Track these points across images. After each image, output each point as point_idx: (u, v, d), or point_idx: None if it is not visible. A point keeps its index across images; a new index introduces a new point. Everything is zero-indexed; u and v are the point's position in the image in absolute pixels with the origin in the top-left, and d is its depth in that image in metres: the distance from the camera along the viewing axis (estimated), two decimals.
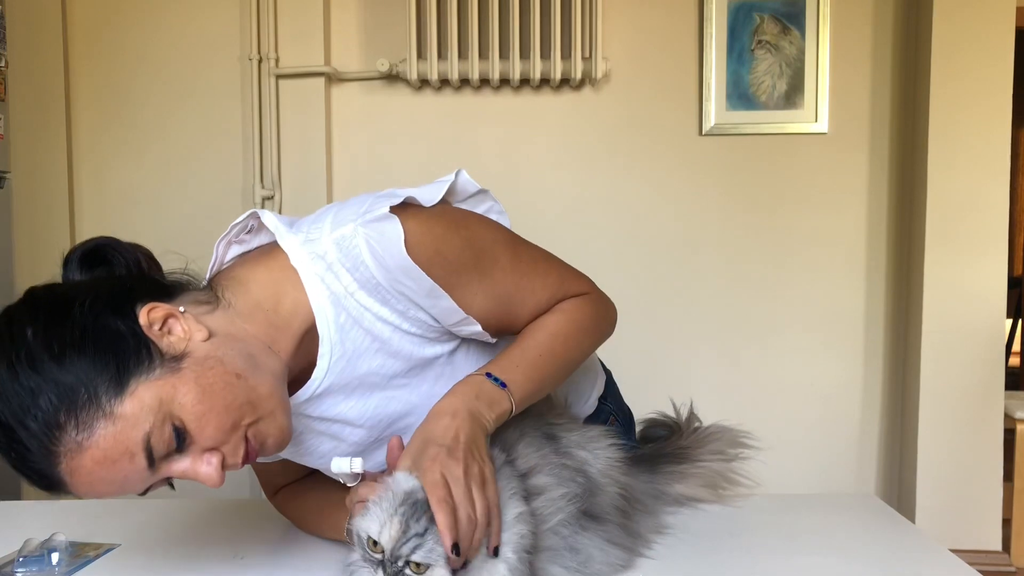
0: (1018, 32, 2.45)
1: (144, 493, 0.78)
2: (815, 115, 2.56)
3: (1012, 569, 2.49)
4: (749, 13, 2.55)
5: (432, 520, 0.73)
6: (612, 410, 1.21)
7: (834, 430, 2.65)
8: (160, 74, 2.64)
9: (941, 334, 2.46)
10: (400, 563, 0.74)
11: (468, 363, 0.95)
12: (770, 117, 2.57)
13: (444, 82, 2.56)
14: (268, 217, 0.90)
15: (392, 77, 2.58)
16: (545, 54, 2.49)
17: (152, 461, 0.73)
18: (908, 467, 2.55)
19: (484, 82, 2.56)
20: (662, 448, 1.17)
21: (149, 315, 0.77)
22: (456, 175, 0.98)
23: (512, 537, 0.78)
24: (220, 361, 0.77)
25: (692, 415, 1.25)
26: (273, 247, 0.89)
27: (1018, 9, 2.43)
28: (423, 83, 2.57)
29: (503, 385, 0.86)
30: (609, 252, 2.63)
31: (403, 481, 0.77)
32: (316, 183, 2.59)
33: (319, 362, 0.86)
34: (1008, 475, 2.52)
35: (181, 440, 0.74)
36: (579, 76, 2.48)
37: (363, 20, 2.62)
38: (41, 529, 0.97)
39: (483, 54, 2.49)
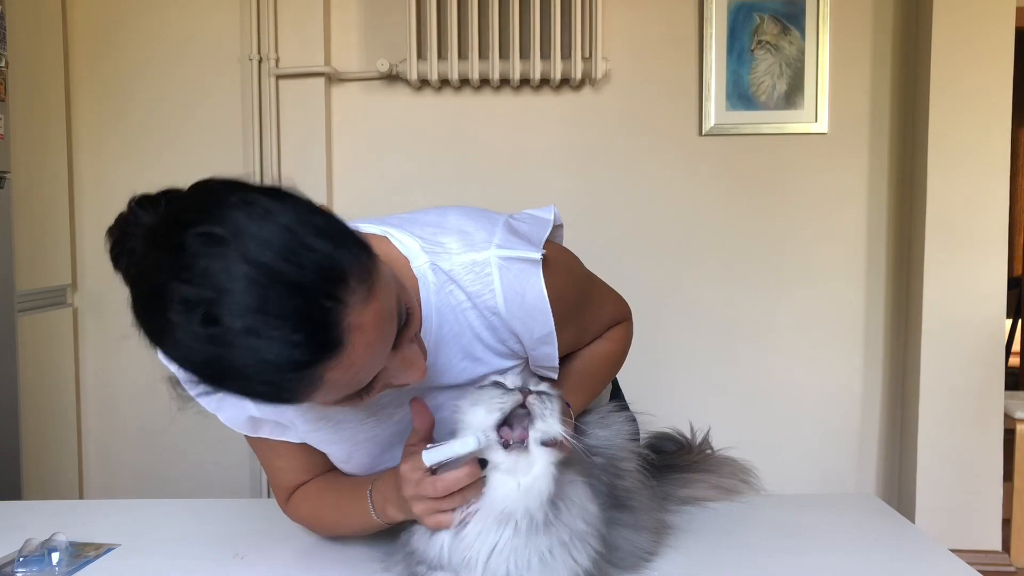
0: (1018, 32, 2.45)
1: (360, 397, 0.75)
2: (815, 115, 2.56)
3: (1012, 569, 2.49)
4: (749, 13, 2.55)
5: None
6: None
7: (834, 430, 2.65)
8: (160, 74, 2.64)
9: (941, 334, 2.46)
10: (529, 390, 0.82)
11: None
12: (770, 117, 2.57)
13: (444, 82, 2.56)
14: (381, 228, 0.92)
15: (392, 77, 2.58)
16: (545, 54, 2.49)
17: (399, 328, 0.74)
18: (908, 467, 2.55)
19: (484, 82, 2.56)
20: (668, 459, 1.17)
21: None
22: (553, 212, 1.02)
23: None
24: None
25: (706, 440, 1.25)
26: (377, 241, 0.88)
27: (1018, 9, 2.43)
28: (423, 83, 2.57)
29: (568, 405, 0.93)
30: (609, 252, 2.63)
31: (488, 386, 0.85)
32: (316, 183, 2.59)
33: None
34: (1008, 475, 2.52)
35: (403, 320, 0.75)
36: (579, 76, 2.48)
37: (363, 20, 2.62)
38: (41, 529, 0.97)
39: (483, 54, 2.49)
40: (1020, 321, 3.91)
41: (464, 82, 2.56)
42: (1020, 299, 3.88)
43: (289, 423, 0.94)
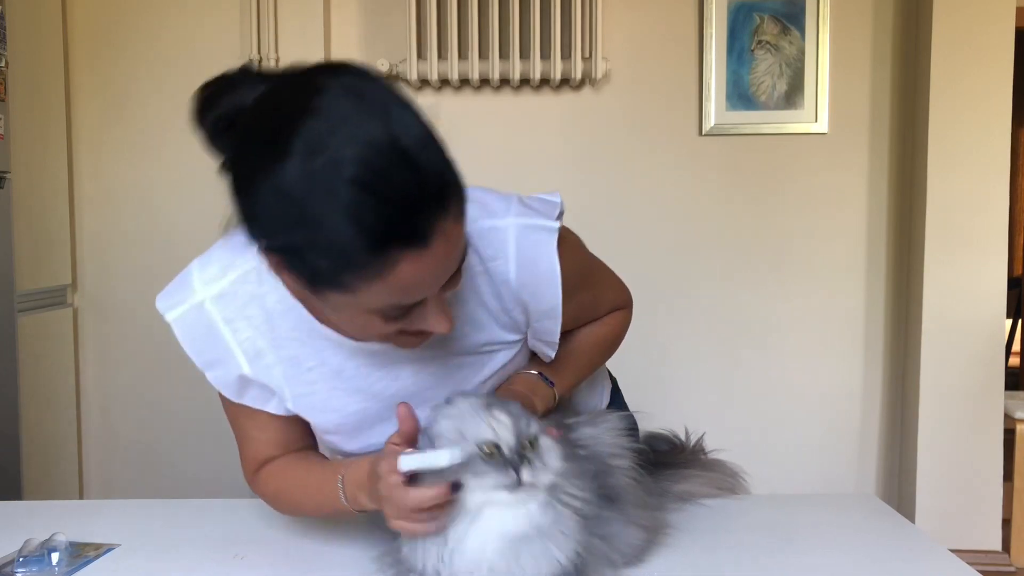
0: (1018, 32, 2.45)
1: (388, 323, 0.76)
2: (815, 115, 2.56)
3: (1012, 569, 2.49)
4: (749, 13, 2.55)
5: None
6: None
7: (834, 430, 2.66)
8: (160, 74, 2.64)
9: (941, 334, 2.46)
10: (527, 445, 0.80)
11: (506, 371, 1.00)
12: (770, 117, 2.57)
13: (444, 82, 2.56)
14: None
15: (392, 77, 2.58)
16: (545, 54, 2.49)
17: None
18: (908, 467, 2.55)
19: (484, 82, 2.56)
20: (661, 458, 1.18)
21: None
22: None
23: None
24: None
25: (699, 444, 1.25)
26: None
27: (1018, 9, 2.43)
28: (423, 83, 2.57)
29: (551, 384, 1.00)
30: (609, 252, 2.61)
31: (463, 401, 0.84)
32: None
33: None
34: (1008, 475, 2.52)
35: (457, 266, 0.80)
36: (579, 76, 2.48)
37: (363, 20, 2.62)
38: (41, 529, 0.97)
39: (483, 54, 2.49)
40: (1020, 321, 3.91)
41: (464, 82, 2.56)
42: (1020, 299, 3.88)
43: (277, 389, 0.93)
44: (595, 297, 1.08)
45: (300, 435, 1.00)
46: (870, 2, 2.57)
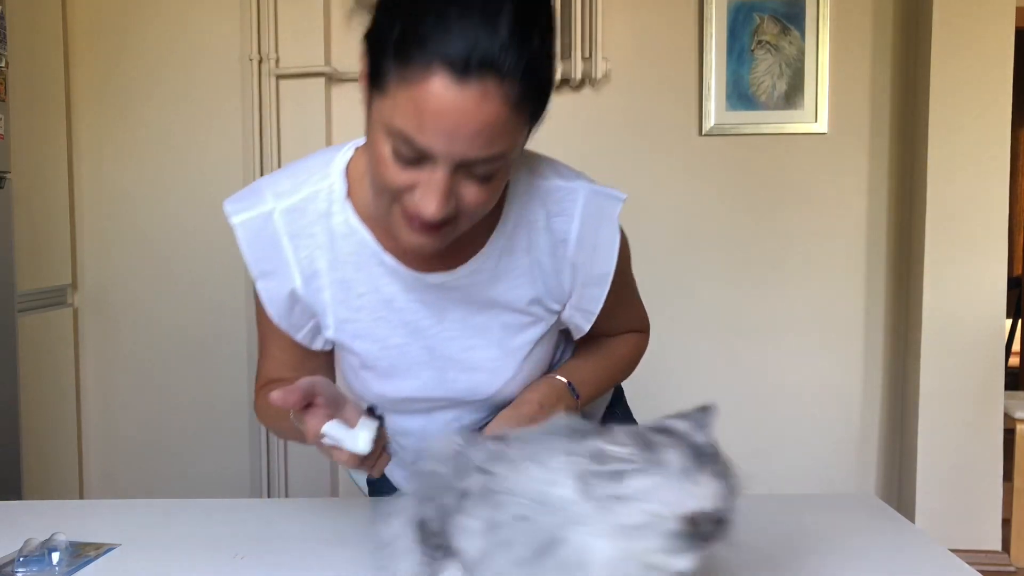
0: (1018, 32, 2.45)
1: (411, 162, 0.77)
2: (815, 115, 2.56)
3: (1012, 569, 2.49)
4: (749, 13, 2.55)
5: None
6: (619, 418, 1.22)
7: (834, 430, 2.66)
8: (160, 74, 2.64)
9: (941, 334, 2.46)
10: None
11: (538, 359, 1.03)
12: (770, 117, 2.57)
13: None
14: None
15: None
16: None
17: (481, 161, 0.78)
18: (908, 467, 2.55)
19: None
20: None
21: None
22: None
23: None
24: None
25: None
26: None
27: (1018, 9, 2.44)
28: None
29: (577, 396, 1.02)
30: None
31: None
32: None
33: (487, 247, 0.93)
34: (1008, 475, 2.52)
35: (492, 165, 0.80)
36: (579, 76, 2.48)
37: (363, 20, 2.61)
38: (41, 529, 0.97)
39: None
40: (1020, 321, 3.91)
41: None
42: (1020, 299, 3.89)
43: (322, 312, 0.96)
44: (627, 302, 1.11)
45: (315, 368, 1.01)
46: (870, 2, 2.57)
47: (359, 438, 0.79)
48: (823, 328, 2.64)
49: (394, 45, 0.74)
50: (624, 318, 1.13)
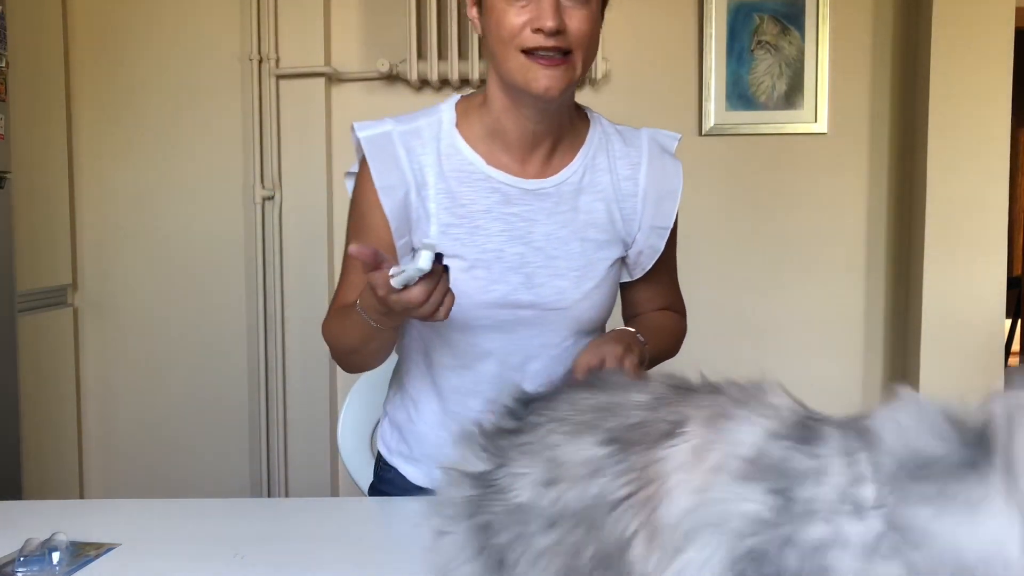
0: (1018, 32, 2.45)
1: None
2: (815, 115, 2.56)
3: None
4: (749, 14, 2.55)
5: None
6: None
7: None
8: (161, 74, 2.64)
9: (941, 334, 2.46)
10: None
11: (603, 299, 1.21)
12: (770, 117, 2.57)
13: (444, 82, 2.56)
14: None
15: (392, 77, 2.58)
16: None
17: None
18: None
19: (484, 83, 2.56)
20: None
21: None
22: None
23: None
24: None
25: None
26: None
27: (1018, 9, 2.43)
28: (423, 83, 2.57)
29: (644, 343, 1.14)
30: None
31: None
32: (316, 183, 2.59)
33: (574, 160, 1.17)
34: None
35: None
36: None
37: (363, 20, 2.62)
38: (42, 529, 0.98)
39: (484, 54, 2.49)
40: (1020, 321, 3.91)
41: (464, 82, 2.56)
42: (1020, 299, 3.89)
43: (429, 216, 1.12)
44: (674, 272, 1.32)
45: None
46: (870, 2, 2.57)
47: (420, 257, 0.89)
48: (823, 328, 2.64)
49: None
50: (675, 290, 1.32)
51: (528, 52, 1.04)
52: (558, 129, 1.15)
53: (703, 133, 2.59)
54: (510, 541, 0.64)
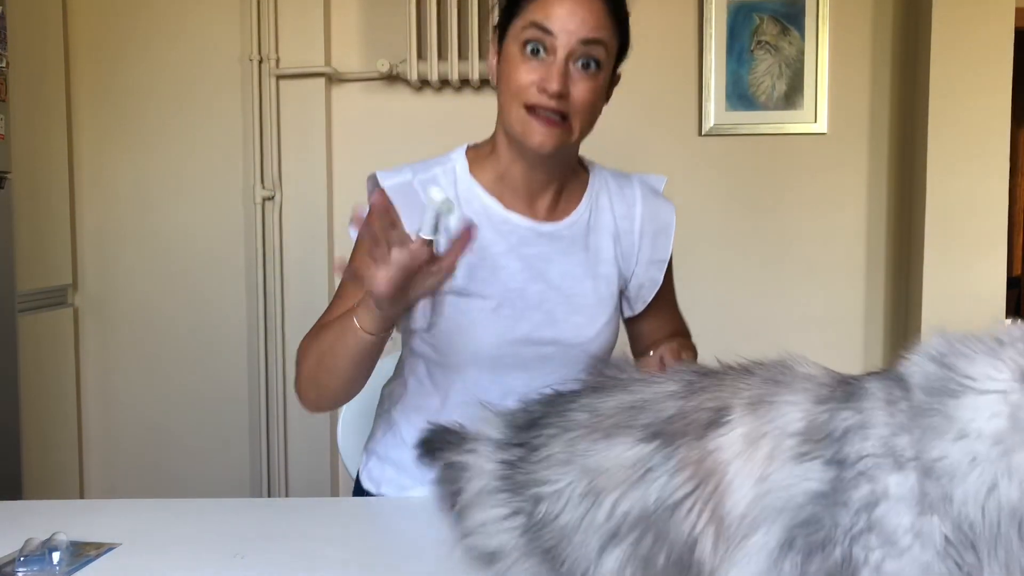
0: (1018, 32, 2.45)
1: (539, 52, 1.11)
2: (814, 115, 2.56)
3: None
4: (749, 14, 2.55)
5: None
6: None
7: None
8: (161, 74, 2.64)
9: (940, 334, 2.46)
10: None
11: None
12: (769, 117, 2.57)
13: (444, 82, 2.56)
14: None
15: (392, 77, 2.58)
16: None
17: (588, 49, 1.13)
18: None
19: (484, 82, 2.56)
20: None
21: None
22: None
23: None
24: None
25: None
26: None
27: (1018, 9, 2.44)
28: (423, 83, 2.57)
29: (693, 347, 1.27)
30: None
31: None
32: (316, 183, 2.59)
33: (581, 203, 1.26)
34: None
35: (598, 55, 1.16)
36: None
37: (363, 20, 2.62)
38: (42, 528, 0.98)
39: (483, 54, 2.49)
40: (1020, 321, 3.91)
41: (464, 82, 2.56)
42: (1020, 299, 3.89)
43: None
44: (675, 298, 1.39)
45: None
46: (870, 2, 2.57)
47: (432, 192, 0.93)
48: (822, 328, 2.64)
49: None
50: (674, 312, 1.39)
51: (530, 108, 1.11)
52: (562, 176, 1.24)
53: (703, 133, 2.59)
54: (571, 568, 0.62)
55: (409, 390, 1.27)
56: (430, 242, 0.94)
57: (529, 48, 1.10)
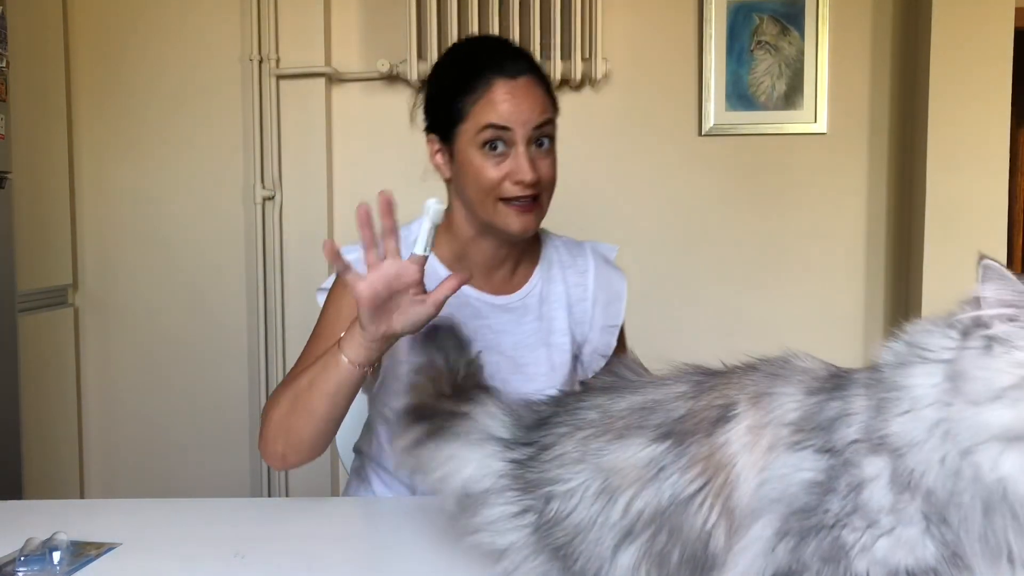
0: (1017, 32, 2.45)
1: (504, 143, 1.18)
2: (814, 115, 2.56)
3: None
4: (749, 14, 2.55)
5: None
6: None
7: None
8: (161, 74, 2.64)
9: None
10: None
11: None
12: (769, 117, 2.57)
13: None
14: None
15: (392, 77, 2.58)
16: (545, 55, 2.49)
17: (542, 127, 1.23)
18: None
19: None
20: None
21: None
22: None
23: None
24: None
25: None
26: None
27: (1017, 9, 2.44)
28: (423, 83, 2.57)
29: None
30: None
31: None
32: (316, 183, 2.59)
33: (533, 276, 1.29)
34: None
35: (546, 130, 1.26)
36: (579, 77, 2.48)
37: (363, 20, 2.62)
38: (42, 528, 0.98)
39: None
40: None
41: None
42: None
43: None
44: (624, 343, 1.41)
45: None
46: (870, 2, 2.57)
47: (428, 202, 0.99)
48: (822, 328, 2.64)
49: (455, 91, 1.18)
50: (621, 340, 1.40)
51: (505, 200, 1.17)
52: (519, 253, 1.29)
53: (703, 133, 2.59)
54: (584, 566, 0.63)
55: (373, 448, 1.32)
56: (424, 259, 0.98)
57: (488, 147, 1.15)
